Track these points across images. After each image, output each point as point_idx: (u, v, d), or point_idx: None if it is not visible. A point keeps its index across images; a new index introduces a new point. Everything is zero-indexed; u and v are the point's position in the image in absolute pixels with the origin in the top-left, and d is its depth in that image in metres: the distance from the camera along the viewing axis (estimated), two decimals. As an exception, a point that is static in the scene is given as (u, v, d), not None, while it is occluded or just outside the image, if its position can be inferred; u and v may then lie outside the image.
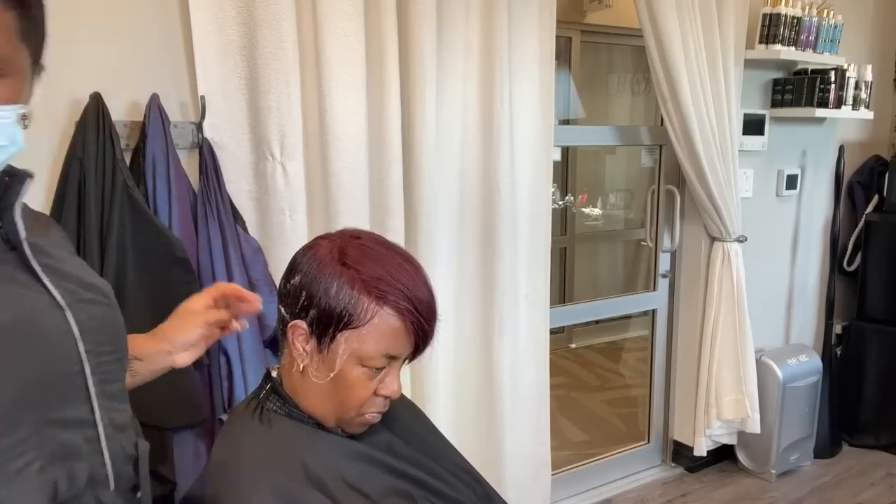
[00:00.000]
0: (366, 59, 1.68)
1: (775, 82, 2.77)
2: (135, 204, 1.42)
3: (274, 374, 0.98)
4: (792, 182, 2.94)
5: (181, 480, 1.50)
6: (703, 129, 2.35)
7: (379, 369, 0.90)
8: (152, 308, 1.44)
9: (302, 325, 0.89)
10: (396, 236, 1.75)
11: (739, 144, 2.60)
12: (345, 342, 0.88)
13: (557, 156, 4.24)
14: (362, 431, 0.97)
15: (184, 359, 0.97)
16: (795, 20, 2.55)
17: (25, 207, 0.72)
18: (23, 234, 0.67)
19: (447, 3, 1.80)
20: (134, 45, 1.51)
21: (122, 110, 1.50)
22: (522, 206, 2.05)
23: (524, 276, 2.09)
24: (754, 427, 2.65)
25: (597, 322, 4.27)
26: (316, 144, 1.67)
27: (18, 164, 0.72)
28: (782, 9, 2.51)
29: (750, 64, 2.59)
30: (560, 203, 4.29)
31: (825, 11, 2.65)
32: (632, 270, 4.66)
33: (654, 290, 2.82)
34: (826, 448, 3.01)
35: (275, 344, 1.61)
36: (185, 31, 1.55)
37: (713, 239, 2.63)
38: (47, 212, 1.41)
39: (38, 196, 1.44)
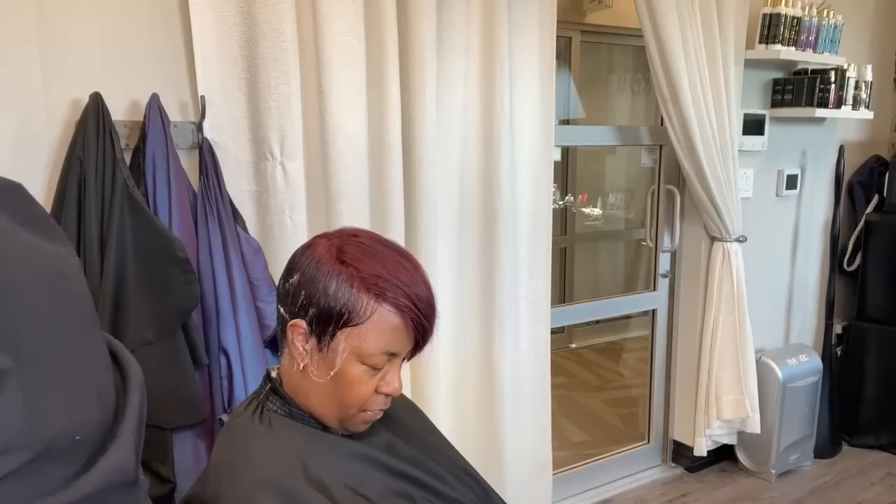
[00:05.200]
0: (366, 59, 1.68)
1: (775, 82, 2.77)
2: (135, 204, 1.42)
3: (274, 374, 0.98)
4: (792, 182, 2.94)
5: (181, 480, 1.50)
6: (703, 129, 2.35)
7: (379, 367, 0.90)
8: (152, 308, 1.44)
9: (301, 324, 0.89)
10: (397, 236, 1.75)
11: (739, 144, 2.60)
12: (345, 340, 0.88)
13: (557, 156, 4.24)
14: (363, 431, 0.96)
15: None
16: (795, 20, 2.55)
17: None
18: None
19: (447, 3, 1.80)
20: (134, 45, 1.51)
21: (122, 110, 1.50)
22: (523, 206, 2.05)
23: (525, 276, 2.09)
24: (754, 427, 2.65)
25: (597, 322, 4.27)
26: (316, 144, 1.67)
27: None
28: (782, 9, 2.51)
29: (750, 64, 2.59)
30: (560, 203, 4.29)
31: (825, 11, 2.65)
32: (632, 270, 4.66)
33: (654, 290, 2.82)
34: (826, 448, 3.01)
35: (275, 344, 1.61)
36: (185, 31, 1.55)
37: (713, 239, 2.63)
38: (47, 211, 1.41)
39: (38, 196, 1.44)
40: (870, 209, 3.11)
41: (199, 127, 1.54)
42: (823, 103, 2.68)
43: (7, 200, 0.36)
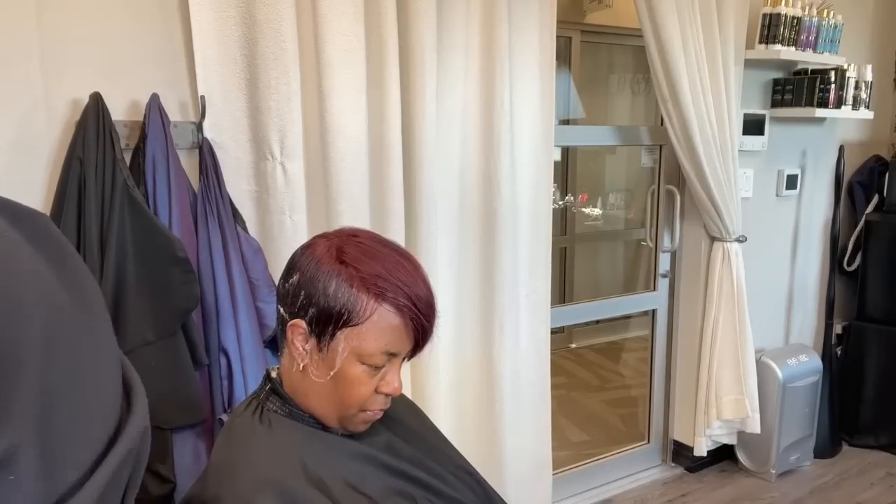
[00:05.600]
0: (366, 59, 1.68)
1: (775, 82, 2.77)
2: (135, 204, 1.43)
3: (273, 374, 0.98)
4: (792, 182, 2.94)
5: (181, 480, 1.50)
6: (703, 129, 2.35)
7: (379, 367, 0.90)
8: (152, 308, 1.44)
9: (301, 324, 0.89)
10: (397, 236, 1.75)
11: (739, 144, 2.60)
12: (344, 340, 0.88)
13: (557, 156, 4.24)
14: (363, 431, 0.96)
15: None
16: (795, 20, 2.55)
17: None
18: None
19: (447, 3, 1.80)
20: (134, 45, 1.51)
21: (122, 110, 1.50)
22: (523, 206, 2.05)
23: (525, 276, 2.09)
24: (754, 427, 2.65)
25: (597, 322, 4.27)
26: (316, 144, 1.67)
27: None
28: (782, 9, 2.51)
29: (750, 64, 2.59)
30: (560, 203, 4.29)
31: (825, 11, 2.65)
32: (632, 270, 4.66)
33: (654, 290, 2.82)
34: (826, 448, 3.01)
35: (275, 344, 1.61)
36: (185, 31, 1.55)
37: (713, 239, 2.63)
38: (47, 212, 1.42)
39: (38, 196, 1.44)
40: (870, 209, 3.11)
41: (199, 127, 1.54)
42: (823, 103, 2.68)
43: (31, 229, 0.34)
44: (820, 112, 2.69)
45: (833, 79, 2.68)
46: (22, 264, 0.32)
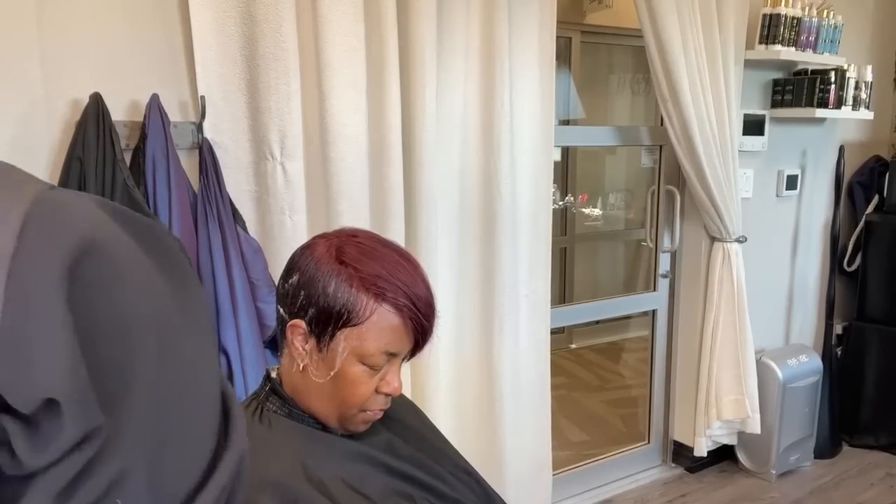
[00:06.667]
0: (366, 59, 1.68)
1: (775, 83, 2.77)
2: (135, 204, 1.43)
3: (273, 374, 0.98)
4: (792, 182, 2.94)
5: (181, 480, 1.50)
6: (703, 129, 2.35)
7: (379, 367, 0.90)
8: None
9: (301, 324, 0.89)
10: (397, 236, 1.75)
11: (739, 145, 2.60)
12: (344, 340, 0.88)
13: (557, 156, 4.24)
14: (363, 431, 0.96)
15: None
16: (795, 20, 2.55)
17: None
18: None
19: (447, 3, 1.80)
20: (134, 45, 1.51)
21: (122, 110, 1.50)
22: (523, 207, 2.05)
23: (525, 277, 2.10)
24: (754, 427, 2.65)
25: (597, 322, 4.27)
26: (316, 144, 1.67)
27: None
28: (782, 9, 2.51)
29: (750, 64, 2.59)
30: (560, 203, 4.29)
31: (825, 12, 2.65)
32: (632, 270, 4.66)
33: (654, 290, 2.82)
34: (826, 448, 3.01)
35: (275, 344, 1.61)
36: (185, 31, 1.55)
37: (713, 239, 2.63)
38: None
39: (38, 196, 1.44)
40: (870, 209, 3.11)
41: (199, 127, 1.54)
42: (823, 104, 2.68)
43: (139, 230, 0.32)
44: (820, 112, 2.69)
45: (833, 79, 2.68)
46: (135, 276, 0.30)
